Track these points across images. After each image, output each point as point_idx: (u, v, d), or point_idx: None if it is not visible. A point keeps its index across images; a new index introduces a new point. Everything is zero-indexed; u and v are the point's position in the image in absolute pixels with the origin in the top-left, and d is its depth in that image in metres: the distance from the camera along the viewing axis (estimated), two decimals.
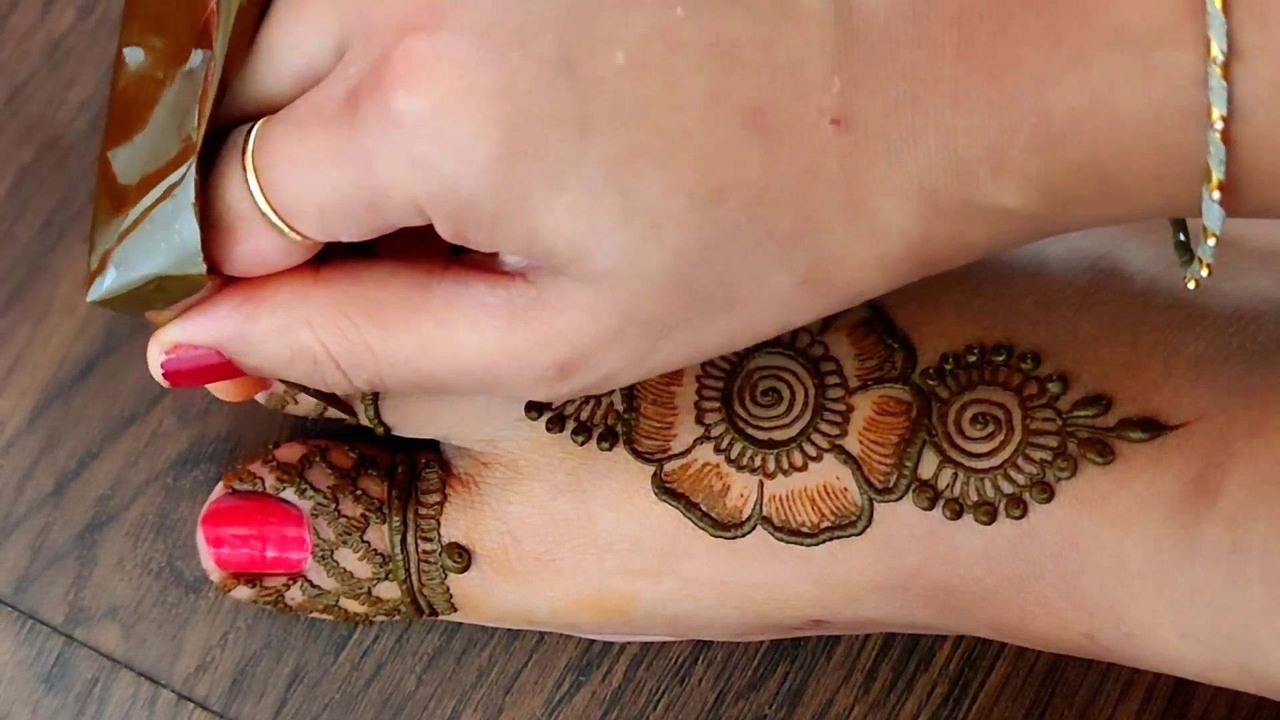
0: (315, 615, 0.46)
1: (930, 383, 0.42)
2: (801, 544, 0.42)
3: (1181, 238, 0.38)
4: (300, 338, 0.36)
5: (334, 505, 0.44)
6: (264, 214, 0.35)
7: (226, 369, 0.38)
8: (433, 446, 0.46)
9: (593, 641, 0.47)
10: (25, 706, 0.46)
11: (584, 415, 0.43)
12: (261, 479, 0.45)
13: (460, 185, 0.33)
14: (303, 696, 0.47)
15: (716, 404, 0.43)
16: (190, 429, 0.48)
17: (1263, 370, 0.40)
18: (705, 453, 0.43)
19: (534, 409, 0.44)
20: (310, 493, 0.44)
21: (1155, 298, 0.42)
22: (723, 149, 0.33)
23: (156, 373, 0.38)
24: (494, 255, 0.36)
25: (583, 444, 0.43)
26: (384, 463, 0.45)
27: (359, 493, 0.44)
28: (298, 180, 0.35)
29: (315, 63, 0.36)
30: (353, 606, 0.45)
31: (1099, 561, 0.40)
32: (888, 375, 0.42)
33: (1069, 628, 0.41)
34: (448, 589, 0.44)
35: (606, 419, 0.43)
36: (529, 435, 0.44)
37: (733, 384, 0.43)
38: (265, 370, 0.38)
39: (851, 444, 0.42)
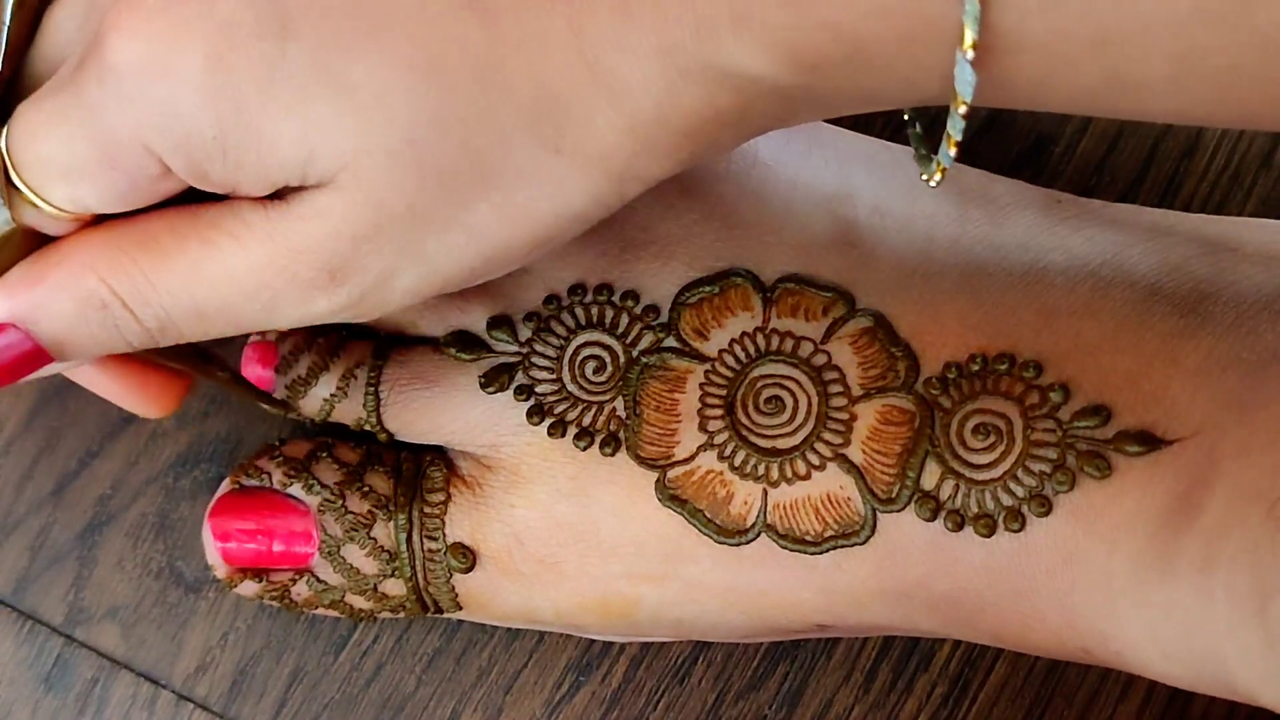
0: (320, 611, 0.46)
1: (933, 392, 0.42)
2: (805, 552, 0.42)
3: (917, 129, 0.38)
4: (84, 283, 0.37)
5: (341, 501, 0.44)
6: (16, 188, 0.36)
7: (33, 353, 0.38)
8: (437, 446, 0.46)
9: (593, 641, 0.47)
10: (25, 706, 0.46)
11: (586, 421, 0.43)
12: (269, 474, 0.45)
13: (177, 111, 0.34)
14: (303, 696, 0.47)
15: (720, 411, 0.43)
16: (190, 429, 0.48)
17: (1258, 383, 0.39)
18: (709, 460, 0.43)
19: (536, 414, 0.43)
20: (317, 488, 0.44)
21: (1157, 305, 0.42)
22: (439, 24, 0.33)
23: None
24: None
25: (585, 449, 0.43)
26: (390, 460, 0.45)
27: (366, 489, 0.44)
28: (37, 148, 0.36)
29: (71, 50, 0.37)
30: (359, 602, 0.45)
31: (1089, 579, 0.40)
32: (891, 384, 0.42)
33: (1066, 643, 0.41)
34: (453, 588, 0.44)
35: (609, 425, 0.43)
36: (531, 440, 0.44)
37: (736, 391, 0.43)
38: (64, 338, 0.38)
39: (855, 453, 0.42)
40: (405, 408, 0.45)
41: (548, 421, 0.44)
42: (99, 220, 0.37)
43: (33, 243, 0.37)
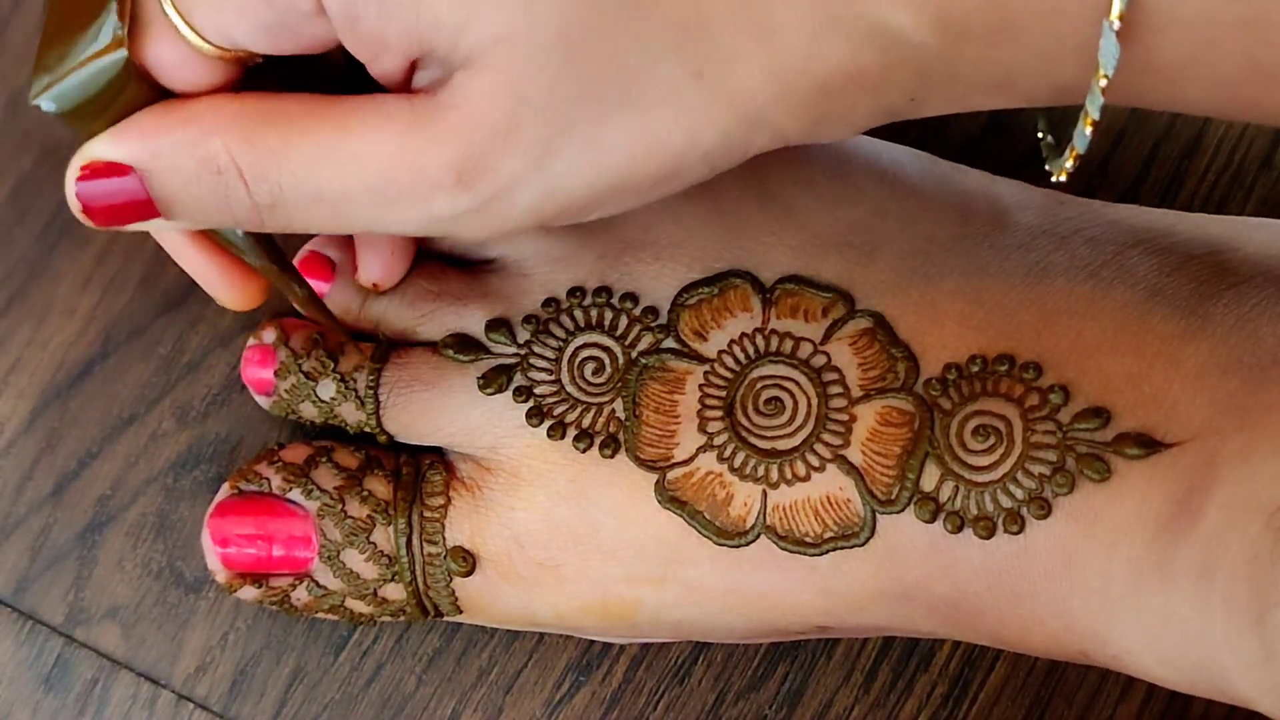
0: (320, 615, 0.46)
1: (933, 393, 0.42)
2: (805, 554, 0.42)
3: (1049, 139, 0.38)
4: (208, 144, 0.37)
5: (340, 506, 0.44)
6: (165, 11, 0.36)
7: (141, 203, 0.38)
8: (437, 448, 0.46)
9: (593, 642, 0.47)
10: (25, 706, 0.46)
11: (585, 423, 0.43)
12: (267, 479, 0.45)
13: None
14: (303, 697, 0.47)
15: (719, 413, 0.43)
16: (190, 430, 0.48)
17: (1259, 387, 0.39)
18: (708, 461, 0.43)
19: (535, 416, 0.43)
20: (316, 493, 0.44)
21: (1157, 306, 0.41)
22: None
23: (72, 200, 0.38)
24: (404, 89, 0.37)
25: (584, 451, 0.43)
26: (389, 464, 0.45)
27: (365, 494, 0.44)
28: None
29: None
30: (359, 607, 0.45)
31: (1088, 583, 0.40)
32: (891, 385, 0.42)
33: (1065, 646, 0.41)
34: (453, 591, 0.44)
35: (608, 426, 0.43)
36: (530, 442, 0.44)
37: (735, 393, 0.43)
38: (175, 196, 0.37)
39: (854, 454, 0.42)
40: (405, 410, 0.45)
41: (547, 423, 0.43)
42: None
43: (151, 95, 0.37)
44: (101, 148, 0.37)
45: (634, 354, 0.44)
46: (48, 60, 0.37)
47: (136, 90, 0.37)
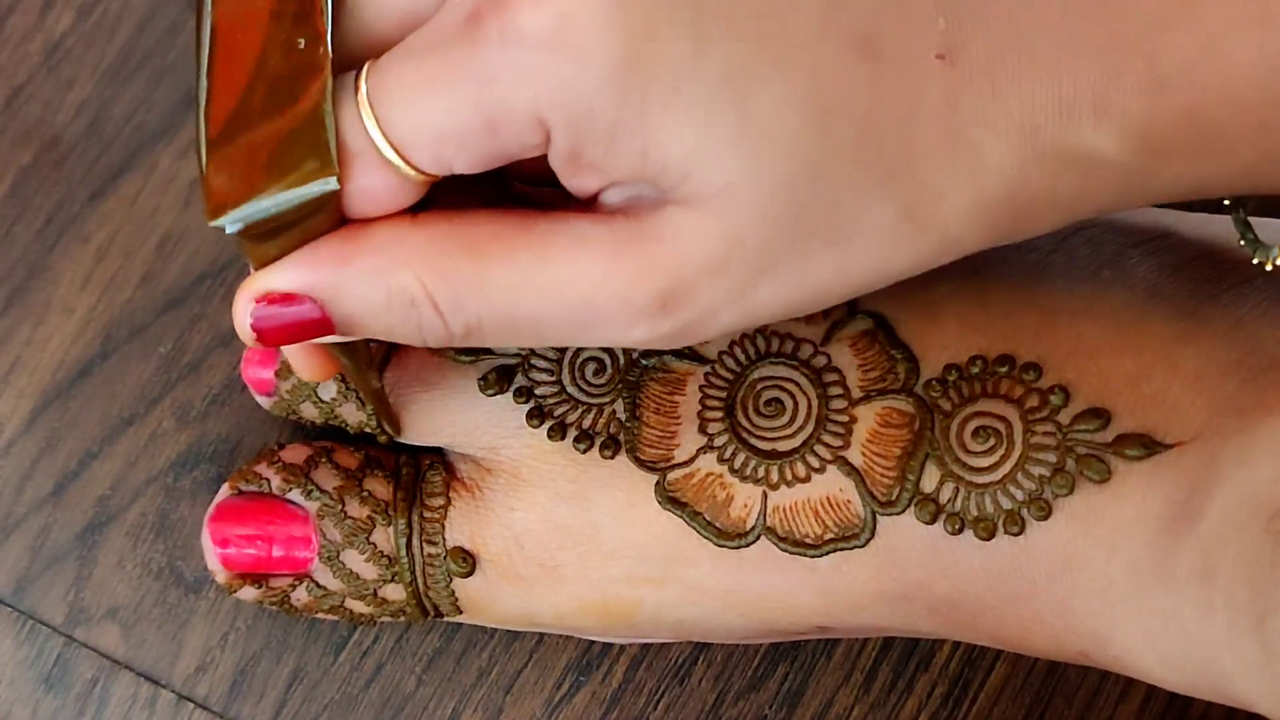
0: (320, 616, 0.46)
1: (933, 394, 0.42)
2: (805, 555, 0.42)
3: (1242, 214, 0.39)
4: (398, 277, 0.36)
5: (340, 506, 0.44)
6: (378, 148, 0.35)
7: (318, 323, 0.37)
8: (437, 448, 0.46)
9: (592, 642, 0.47)
10: (25, 706, 0.46)
11: (586, 424, 0.43)
12: (267, 480, 0.45)
13: (581, 90, 0.33)
14: (303, 697, 0.47)
15: (720, 414, 0.43)
16: (190, 430, 0.48)
17: (1259, 388, 0.39)
18: (708, 463, 0.43)
19: (536, 417, 0.43)
20: (316, 494, 0.44)
21: (1157, 307, 0.41)
22: (832, 69, 0.33)
23: (244, 327, 0.37)
24: (592, 200, 0.36)
25: (585, 452, 0.43)
26: (389, 464, 0.45)
27: (365, 494, 0.44)
28: (414, 108, 0.34)
29: (419, 3, 0.36)
30: (358, 607, 0.45)
31: (1089, 583, 0.40)
32: (891, 386, 0.42)
33: (1065, 646, 0.41)
34: (453, 592, 0.44)
35: (609, 427, 0.43)
36: (530, 443, 0.44)
37: (736, 394, 0.43)
38: (357, 320, 0.36)
39: (855, 456, 0.42)
40: (405, 410, 0.45)
41: (548, 424, 0.43)
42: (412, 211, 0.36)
43: (334, 220, 0.36)
44: (280, 278, 0.36)
45: (634, 355, 0.44)
46: (231, 179, 0.35)
47: (324, 216, 0.36)
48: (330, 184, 0.35)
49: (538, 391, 0.44)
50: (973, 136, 0.34)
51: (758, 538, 0.42)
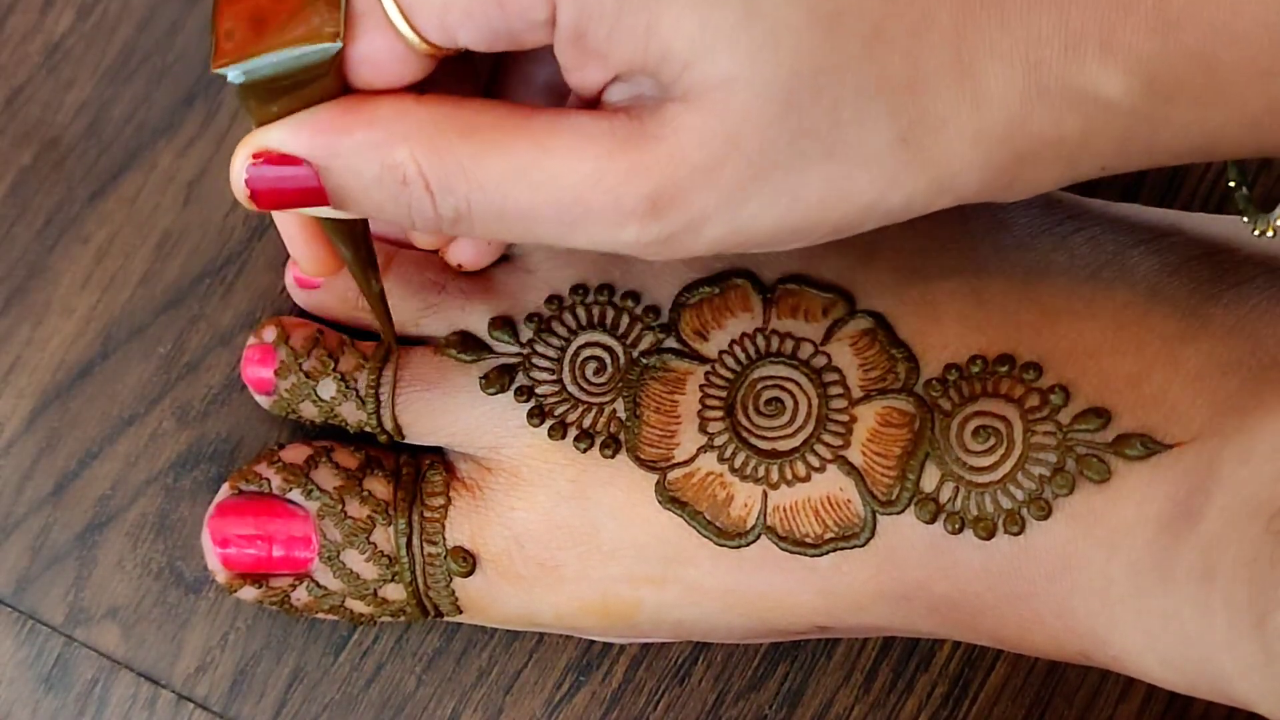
0: (320, 615, 0.46)
1: (933, 394, 0.42)
2: (805, 555, 0.42)
3: (1245, 191, 0.39)
4: (394, 153, 0.35)
5: (340, 506, 0.44)
6: (384, 9, 0.35)
7: (310, 192, 0.36)
8: (437, 448, 0.46)
9: (592, 642, 0.47)
10: (25, 706, 0.46)
11: (586, 423, 0.43)
12: (268, 480, 0.45)
13: None
14: (303, 697, 0.47)
15: (720, 413, 0.43)
16: (190, 429, 0.48)
17: (1259, 388, 0.39)
18: (709, 462, 0.43)
19: (536, 416, 0.43)
20: (316, 493, 0.44)
21: (1158, 307, 0.41)
22: None
23: (239, 184, 0.37)
24: (596, 102, 0.36)
25: (585, 451, 0.43)
26: (389, 464, 0.45)
27: (365, 494, 0.44)
28: None
29: None
30: (358, 607, 0.45)
31: (1088, 583, 0.40)
32: (891, 386, 0.42)
33: (1064, 646, 0.41)
34: (453, 592, 0.44)
35: (609, 426, 0.43)
36: (531, 442, 0.44)
37: (736, 393, 0.43)
38: (350, 193, 0.36)
39: (855, 455, 0.42)
40: (405, 409, 0.45)
41: (548, 423, 0.43)
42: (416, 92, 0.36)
43: (337, 87, 0.36)
44: (279, 138, 0.36)
45: (635, 354, 0.44)
46: (239, 31, 0.35)
47: (328, 81, 0.36)
48: (334, 46, 0.35)
49: (538, 390, 0.44)
50: (978, 64, 0.34)
51: (758, 537, 0.42)
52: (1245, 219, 0.40)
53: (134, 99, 0.48)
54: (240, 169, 0.36)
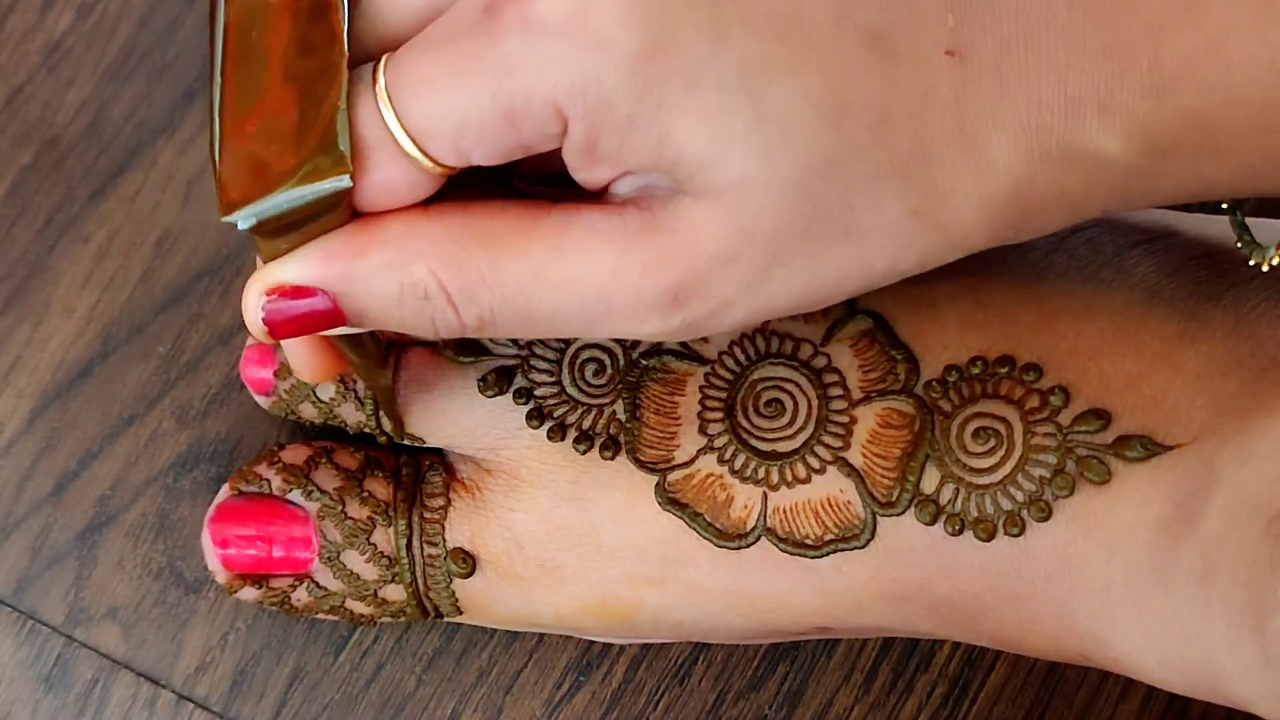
0: (320, 616, 0.46)
1: (933, 395, 0.42)
2: (805, 556, 0.42)
3: (1240, 216, 0.40)
4: (412, 270, 0.36)
5: (340, 507, 0.44)
6: (397, 140, 0.35)
7: (329, 315, 0.37)
8: (437, 449, 0.46)
9: (593, 642, 0.47)
10: (25, 706, 0.46)
11: (586, 424, 0.43)
12: (268, 480, 0.45)
13: (601, 80, 0.33)
14: (303, 697, 0.47)
15: (720, 415, 0.43)
16: (190, 430, 0.48)
17: (1259, 389, 0.39)
18: (708, 464, 0.43)
19: (535, 418, 0.43)
20: (316, 494, 0.44)
21: (1157, 308, 0.41)
22: (847, 65, 0.34)
23: (255, 320, 0.37)
24: (602, 192, 0.36)
25: (584, 453, 0.43)
26: (389, 465, 0.45)
27: (365, 495, 0.44)
28: (433, 99, 0.34)
29: None
30: (359, 608, 0.45)
31: (1088, 585, 0.40)
32: (891, 387, 0.42)
33: (1064, 647, 0.41)
34: (453, 593, 0.44)
35: (609, 428, 0.43)
36: (530, 444, 0.44)
37: (736, 395, 0.43)
38: (370, 313, 0.37)
39: (855, 456, 0.42)
40: (405, 410, 0.45)
41: (547, 425, 0.43)
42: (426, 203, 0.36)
43: (345, 216, 0.36)
44: (292, 271, 0.36)
45: (634, 355, 0.44)
46: (242, 177, 0.35)
47: (337, 213, 0.36)
48: (344, 181, 0.35)
49: (537, 392, 0.44)
50: (981, 134, 0.35)
51: (758, 538, 0.42)
52: (1240, 245, 0.40)
53: (134, 98, 0.48)
54: (255, 306, 0.37)
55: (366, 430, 0.45)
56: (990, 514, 0.41)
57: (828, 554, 0.42)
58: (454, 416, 0.44)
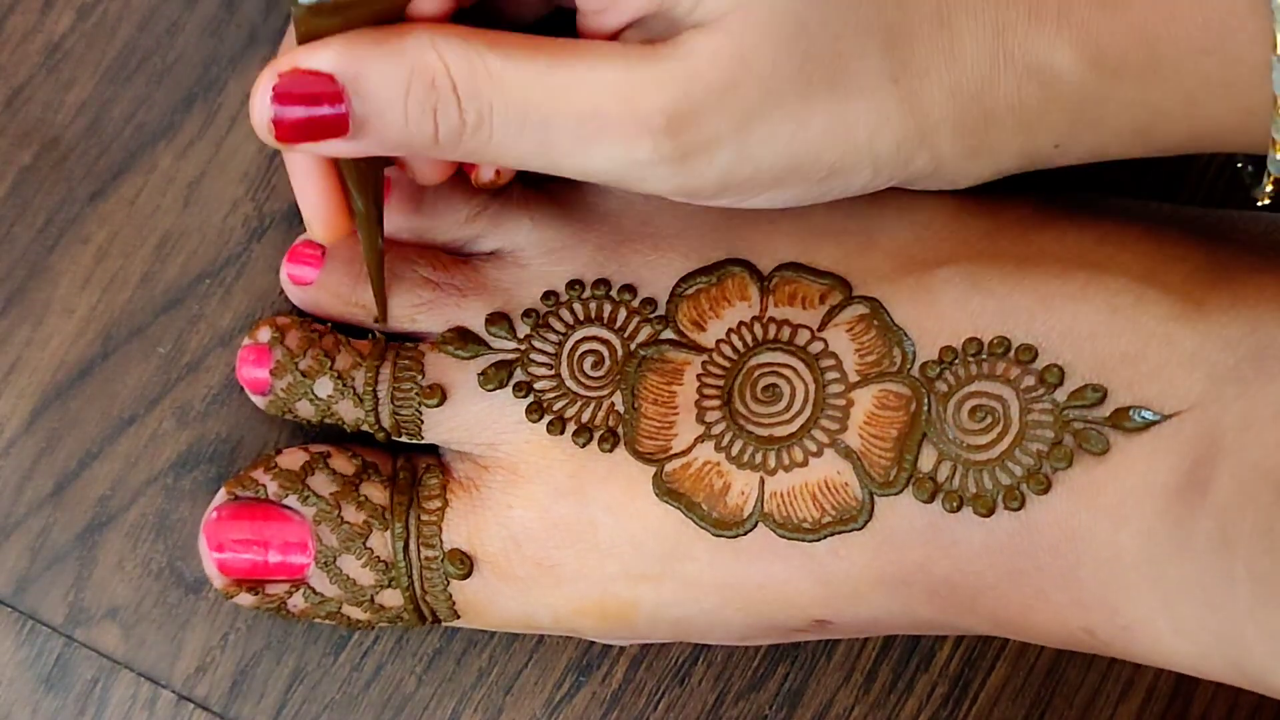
0: (318, 621, 0.46)
1: (930, 376, 0.42)
2: (803, 540, 0.42)
3: (1249, 168, 0.42)
4: (423, 55, 0.37)
5: (336, 512, 0.44)
6: None
7: (334, 120, 0.38)
8: (433, 451, 0.46)
9: (593, 642, 0.47)
10: (25, 707, 0.46)
11: (585, 417, 0.43)
12: (264, 485, 0.45)
13: None
14: (303, 697, 0.47)
15: (717, 402, 0.43)
16: (190, 430, 0.48)
17: (1259, 359, 0.39)
18: (706, 451, 0.43)
19: (535, 411, 0.43)
20: (313, 499, 0.44)
21: (1152, 290, 0.42)
22: None
23: (262, 117, 0.38)
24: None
25: (584, 446, 0.43)
26: (386, 469, 0.45)
27: (361, 499, 0.44)
28: None
29: None
30: (355, 613, 0.45)
31: (1096, 554, 0.40)
32: (887, 370, 0.42)
33: (1068, 622, 0.41)
34: (450, 596, 0.44)
35: (608, 420, 0.43)
36: (529, 438, 0.44)
37: (733, 381, 0.43)
38: (373, 106, 0.38)
39: (852, 439, 0.42)
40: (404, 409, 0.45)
41: (547, 418, 0.44)
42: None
43: (399, 12, 0.38)
44: (310, 56, 0.37)
45: (633, 346, 0.44)
46: None
47: (386, 6, 0.38)
48: None
49: (536, 386, 0.44)
50: (956, 20, 0.38)
51: (755, 525, 0.42)
52: (1240, 165, 0.43)
53: (134, 99, 0.48)
54: (265, 92, 0.38)
55: (364, 428, 0.46)
56: (989, 489, 0.41)
57: (825, 537, 0.42)
58: (452, 411, 0.44)
